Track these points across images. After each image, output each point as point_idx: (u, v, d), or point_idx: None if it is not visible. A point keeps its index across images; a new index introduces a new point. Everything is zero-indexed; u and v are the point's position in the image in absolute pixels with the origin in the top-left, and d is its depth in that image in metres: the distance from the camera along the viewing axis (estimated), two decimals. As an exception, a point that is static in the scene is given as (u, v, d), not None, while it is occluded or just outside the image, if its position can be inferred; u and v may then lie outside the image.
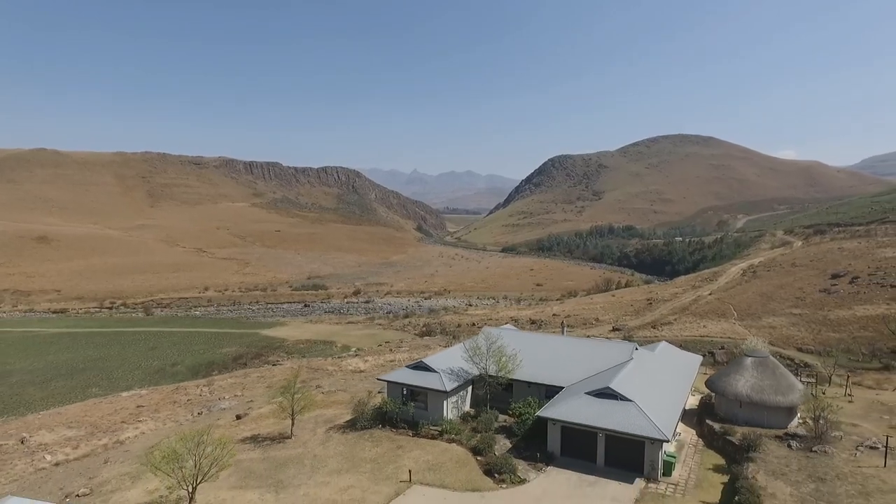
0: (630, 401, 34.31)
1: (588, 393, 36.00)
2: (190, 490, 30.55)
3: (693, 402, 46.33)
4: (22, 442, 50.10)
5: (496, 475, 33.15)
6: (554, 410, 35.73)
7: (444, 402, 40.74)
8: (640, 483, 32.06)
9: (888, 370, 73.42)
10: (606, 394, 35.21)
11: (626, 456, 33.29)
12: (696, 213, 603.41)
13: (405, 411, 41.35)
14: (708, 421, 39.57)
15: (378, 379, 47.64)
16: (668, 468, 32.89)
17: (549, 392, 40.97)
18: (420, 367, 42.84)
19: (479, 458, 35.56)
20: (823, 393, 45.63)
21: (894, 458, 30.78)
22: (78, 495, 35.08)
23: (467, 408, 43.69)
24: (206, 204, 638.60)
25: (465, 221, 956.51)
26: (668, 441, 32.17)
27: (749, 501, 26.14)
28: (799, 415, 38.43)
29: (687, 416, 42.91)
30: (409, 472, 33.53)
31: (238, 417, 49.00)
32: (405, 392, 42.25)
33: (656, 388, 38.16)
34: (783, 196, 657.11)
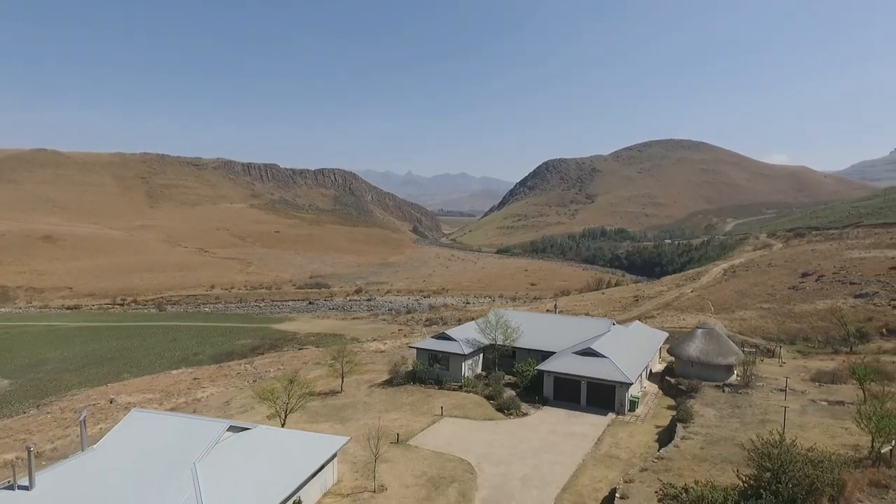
0: (606, 357, 45.83)
1: (574, 352, 47.55)
2: (283, 417, 41.60)
3: (660, 367, 57.91)
4: (111, 402, 60.93)
5: (505, 411, 44.55)
6: (549, 365, 47.27)
7: (463, 364, 52.07)
8: (611, 415, 43.57)
9: (836, 354, 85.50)
10: (588, 352, 46.73)
11: (602, 397, 44.79)
12: (687, 217, 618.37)
13: (431, 371, 52.65)
14: (667, 377, 51.24)
15: (409, 346, 58.96)
16: (633, 405, 44.40)
17: (544, 356, 52.27)
18: (443, 337, 54.22)
19: (491, 401, 46.96)
20: (762, 360, 57.32)
21: (794, 394, 42.45)
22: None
23: (479, 370, 55.09)
24: (204, 205, 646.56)
25: (459, 223, 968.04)
26: (632, 384, 43.72)
27: (684, 417, 37.70)
28: (736, 372, 50.06)
29: (654, 377, 54.54)
30: (441, 408, 44.89)
31: (291, 381, 59.87)
32: (431, 356, 53.54)
33: (627, 350, 49.72)
34: (772, 200, 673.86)
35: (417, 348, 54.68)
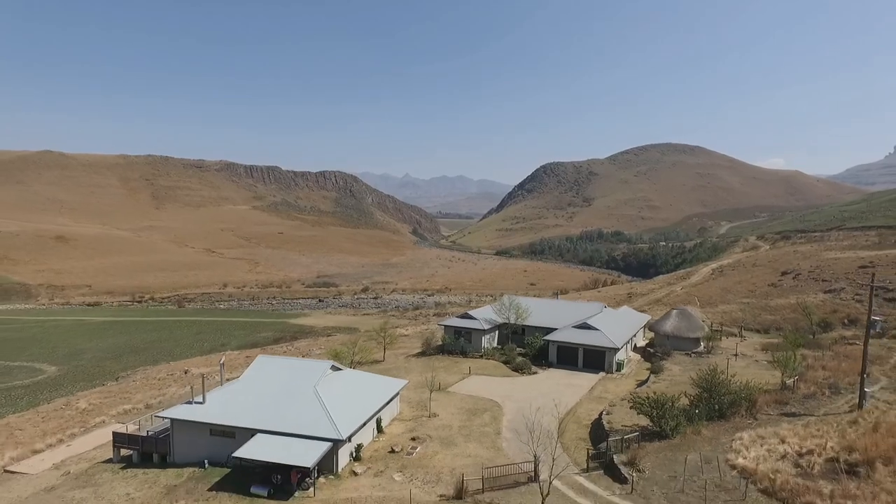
0: (598, 329, 58.14)
1: (573, 327, 59.86)
2: (347, 373, 53.57)
3: (644, 343, 70.28)
4: (185, 372, 72.80)
5: (519, 371, 56.84)
6: (553, 336, 59.70)
7: (482, 338, 64.32)
8: (602, 374, 55.86)
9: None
10: (584, 326, 59.07)
11: (595, 360, 57.06)
12: (682, 220, 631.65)
13: (457, 344, 64.81)
14: (648, 348, 63.56)
15: (438, 324, 71.19)
16: (620, 367, 56.73)
17: (548, 331, 64.47)
18: (466, 316, 66.52)
19: (507, 364, 59.25)
20: (727, 337, 69.70)
21: (744, 358, 54.87)
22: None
23: (495, 343, 67.34)
24: (208, 206, 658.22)
25: (458, 225, 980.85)
26: (619, 349, 56.04)
27: (656, 370, 50.11)
28: (703, 344, 62.39)
29: (638, 350, 66.83)
30: (469, 368, 57.12)
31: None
32: (456, 332, 65.74)
33: (615, 325, 62.09)
34: (765, 204, 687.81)
35: (445, 325, 66.95)
